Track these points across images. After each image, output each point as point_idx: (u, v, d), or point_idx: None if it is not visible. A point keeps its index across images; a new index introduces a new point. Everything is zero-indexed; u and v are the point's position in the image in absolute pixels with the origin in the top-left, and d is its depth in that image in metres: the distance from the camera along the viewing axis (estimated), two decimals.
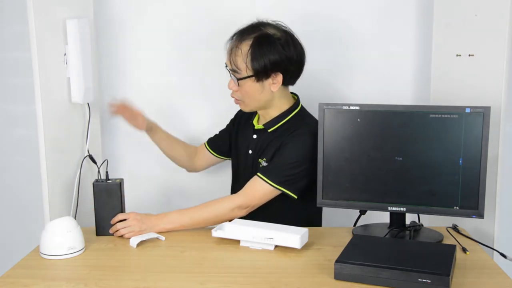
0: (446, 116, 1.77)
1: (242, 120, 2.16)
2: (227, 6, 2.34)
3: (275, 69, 1.90)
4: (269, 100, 1.97)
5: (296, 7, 2.34)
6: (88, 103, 2.18)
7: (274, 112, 2.00)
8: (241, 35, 1.93)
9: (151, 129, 2.17)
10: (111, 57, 2.41)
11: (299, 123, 1.98)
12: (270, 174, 1.90)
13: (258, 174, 1.92)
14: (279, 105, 1.99)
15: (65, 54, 2.06)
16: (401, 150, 1.81)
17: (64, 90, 2.08)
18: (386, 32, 2.33)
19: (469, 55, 2.02)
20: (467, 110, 1.75)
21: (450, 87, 2.08)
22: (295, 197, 1.91)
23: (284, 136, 1.96)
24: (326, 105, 1.87)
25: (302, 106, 2.05)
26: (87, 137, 2.20)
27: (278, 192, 1.91)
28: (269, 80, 1.92)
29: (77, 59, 2.06)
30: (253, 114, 2.11)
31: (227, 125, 2.23)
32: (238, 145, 2.13)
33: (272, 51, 1.89)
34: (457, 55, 2.04)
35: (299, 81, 2.38)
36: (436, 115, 1.77)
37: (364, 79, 2.36)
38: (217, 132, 2.25)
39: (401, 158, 1.81)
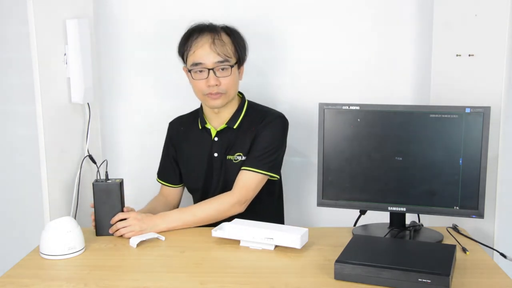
0: (446, 116, 1.77)
1: (181, 132, 2.13)
2: (228, 7, 2.33)
3: (246, 56, 2.05)
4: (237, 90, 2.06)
5: (296, 6, 2.34)
6: (88, 103, 2.18)
7: (230, 109, 2.05)
8: (210, 29, 1.98)
9: None
10: (111, 57, 2.42)
11: (260, 112, 2.05)
12: (257, 164, 1.96)
13: (244, 168, 1.96)
14: (235, 100, 2.06)
15: (65, 54, 2.06)
16: (401, 150, 1.81)
17: (64, 90, 2.08)
18: (386, 32, 2.33)
19: (469, 55, 2.02)
20: (467, 110, 1.75)
21: (450, 87, 2.08)
22: (278, 177, 2.05)
23: (254, 127, 2.01)
24: (326, 105, 1.87)
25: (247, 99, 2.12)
26: (87, 137, 2.20)
27: (267, 178, 2.00)
28: (241, 68, 2.05)
29: (77, 59, 2.06)
30: (195, 120, 2.10)
31: (165, 151, 2.17)
32: (191, 157, 2.10)
33: (243, 39, 2.03)
34: (457, 55, 2.04)
35: (299, 81, 2.39)
36: (436, 115, 1.77)
37: (364, 79, 2.36)
38: (159, 165, 2.19)
39: (401, 158, 1.81)
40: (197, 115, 2.11)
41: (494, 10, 1.96)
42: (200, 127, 2.09)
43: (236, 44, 2.00)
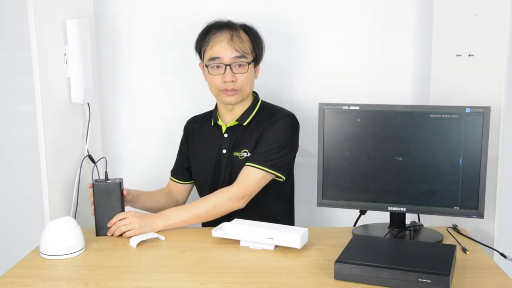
0: (446, 116, 1.77)
1: (195, 129, 2.16)
2: (227, 7, 2.33)
3: (262, 55, 2.06)
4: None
5: (296, 8, 2.34)
6: (88, 103, 2.18)
7: (243, 106, 2.06)
8: (229, 26, 1.99)
9: (132, 200, 2.02)
10: (111, 57, 2.42)
11: (271, 111, 2.05)
12: (260, 160, 1.94)
13: (248, 163, 1.95)
14: (249, 98, 2.08)
15: (65, 54, 2.06)
16: (401, 150, 1.81)
17: (64, 90, 2.08)
18: (386, 32, 2.33)
19: (469, 55, 2.02)
20: (467, 110, 1.75)
21: (450, 87, 2.08)
22: (284, 178, 1.99)
23: (261, 125, 2.01)
24: (326, 105, 1.87)
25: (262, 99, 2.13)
26: (87, 137, 2.20)
27: (271, 177, 1.97)
28: (257, 67, 2.06)
29: (77, 59, 2.06)
30: (209, 118, 2.12)
31: (180, 149, 2.20)
32: (202, 153, 2.12)
33: (261, 38, 2.05)
34: (457, 55, 2.04)
35: (300, 81, 2.39)
36: (436, 115, 1.77)
37: (364, 79, 2.36)
38: (175, 160, 2.22)
39: (401, 158, 1.81)
40: (212, 113, 2.13)
41: (494, 10, 1.96)
42: (212, 124, 2.10)
43: (254, 42, 2.01)
